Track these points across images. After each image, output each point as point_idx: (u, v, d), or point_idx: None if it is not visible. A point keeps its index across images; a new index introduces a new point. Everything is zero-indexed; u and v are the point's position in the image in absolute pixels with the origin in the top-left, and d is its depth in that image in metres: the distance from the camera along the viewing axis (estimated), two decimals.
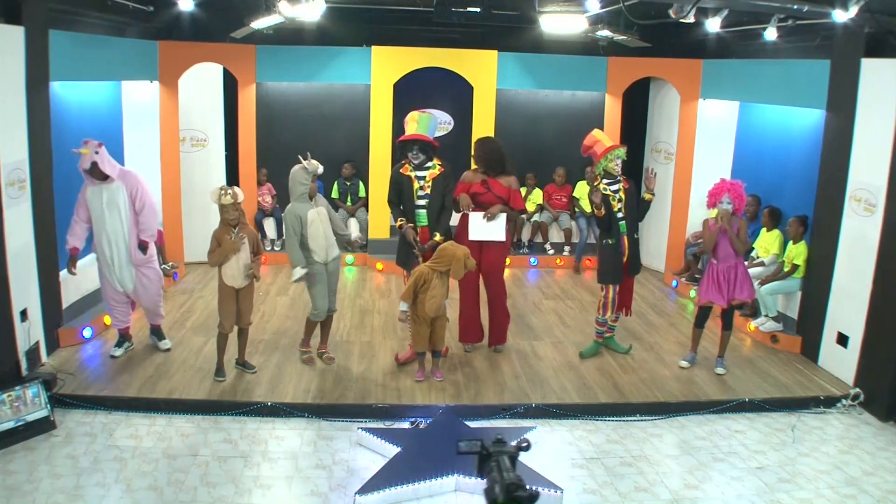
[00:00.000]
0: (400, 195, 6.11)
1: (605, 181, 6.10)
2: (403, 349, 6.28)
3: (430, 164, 6.07)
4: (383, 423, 5.28)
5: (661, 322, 7.47)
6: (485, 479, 2.48)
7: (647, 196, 6.14)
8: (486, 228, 6.11)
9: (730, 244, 5.97)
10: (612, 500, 4.52)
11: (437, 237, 6.00)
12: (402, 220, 6.08)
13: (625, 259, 6.15)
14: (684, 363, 6.31)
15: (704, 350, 6.56)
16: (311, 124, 9.53)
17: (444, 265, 5.51)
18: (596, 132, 6.25)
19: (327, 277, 5.92)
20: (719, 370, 6.18)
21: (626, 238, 6.11)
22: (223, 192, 5.52)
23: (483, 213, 6.08)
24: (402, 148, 6.09)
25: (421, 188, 6.04)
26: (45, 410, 5.00)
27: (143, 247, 5.91)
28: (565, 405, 5.57)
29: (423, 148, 6.00)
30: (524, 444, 2.66)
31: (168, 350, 6.20)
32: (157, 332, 6.30)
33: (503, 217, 6.14)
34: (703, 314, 6.27)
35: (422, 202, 6.05)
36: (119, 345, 6.11)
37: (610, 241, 6.11)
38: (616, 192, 6.08)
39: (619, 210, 6.07)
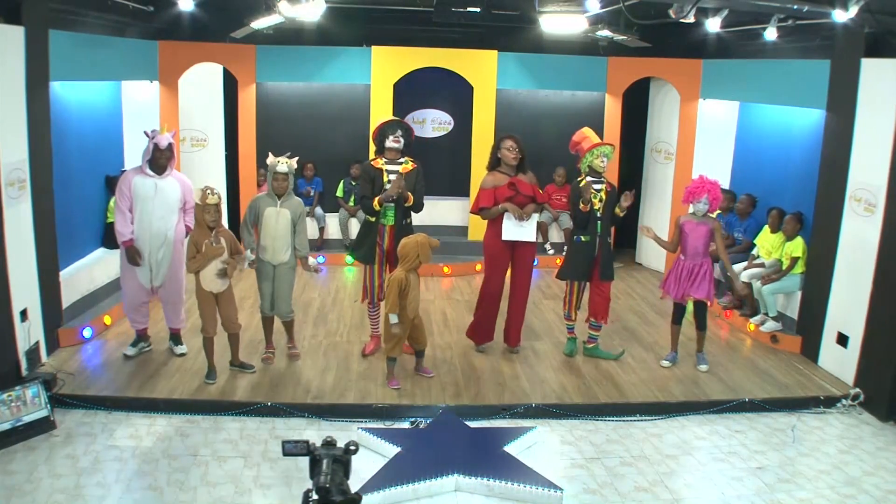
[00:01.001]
0: (371, 190, 5.97)
1: (589, 178, 6.11)
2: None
3: (402, 159, 6.03)
4: (383, 423, 5.28)
5: (661, 322, 7.45)
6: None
7: (617, 211, 6.10)
8: (519, 230, 6.10)
9: (702, 243, 6.01)
10: (612, 500, 4.52)
11: (410, 194, 5.87)
12: (378, 198, 5.86)
13: (595, 259, 6.15)
14: (665, 363, 6.31)
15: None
16: (311, 124, 9.53)
17: (413, 259, 5.43)
18: (585, 129, 6.27)
19: (274, 279, 5.87)
20: (702, 367, 6.19)
21: (599, 239, 6.12)
22: (210, 191, 5.44)
23: (517, 214, 6.04)
24: (384, 132, 5.98)
25: (391, 182, 5.89)
26: (45, 410, 4.99)
27: (187, 232, 6.04)
28: (565, 405, 5.57)
29: (405, 132, 6.00)
30: (352, 447, 2.56)
31: (183, 355, 6.10)
32: (174, 338, 6.20)
33: (535, 217, 6.15)
34: (678, 311, 6.29)
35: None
36: (134, 344, 6.04)
37: (583, 238, 6.15)
38: (598, 191, 6.09)
39: (599, 210, 6.08)
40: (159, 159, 5.73)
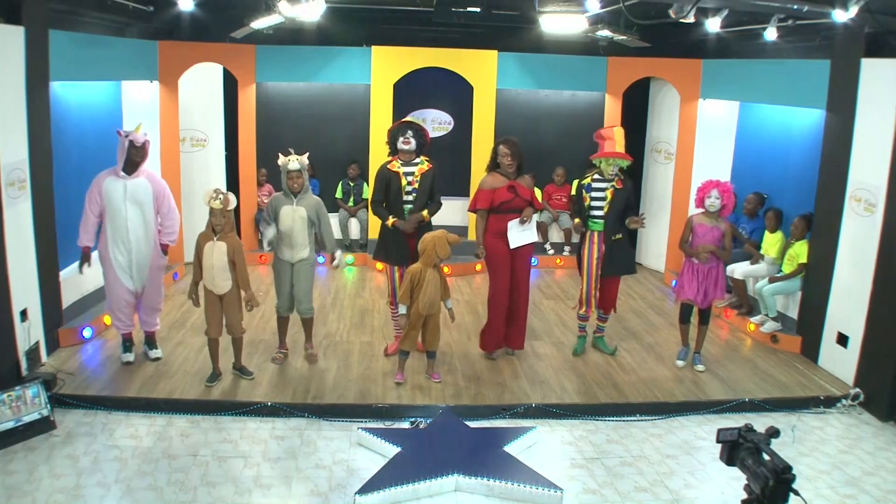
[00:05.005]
0: (386, 192, 6.05)
1: (596, 176, 6.11)
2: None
3: (417, 160, 6.08)
4: (383, 423, 5.28)
5: (662, 322, 7.46)
6: (738, 467, 2.73)
7: (629, 223, 6.05)
8: (524, 234, 6.10)
9: (715, 244, 5.99)
10: (612, 500, 4.52)
11: (425, 213, 6.03)
12: (393, 219, 6.01)
13: (596, 256, 6.12)
14: (680, 362, 6.31)
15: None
16: (311, 124, 9.53)
17: (431, 254, 5.51)
18: (617, 130, 6.11)
19: (291, 277, 5.90)
20: (699, 367, 6.20)
21: (603, 234, 6.08)
22: (215, 194, 5.44)
23: (519, 220, 6.02)
24: (395, 134, 6.06)
25: (409, 183, 6.01)
26: (45, 410, 4.99)
27: (164, 251, 5.98)
28: (565, 405, 5.57)
29: (416, 133, 6.02)
30: (772, 431, 2.77)
31: (158, 360, 6.01)
32: (149, 342, 6.11)
33: (535, 218, 6.17)
34: (686, 311, 6.28)
35: (409, 197, 6.03)
36: (128, 350, 5.98)
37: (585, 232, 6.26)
38: (603, 189, 6.06)
39: (601, 208, 6.05)
40: (134, 157, 5.69)
